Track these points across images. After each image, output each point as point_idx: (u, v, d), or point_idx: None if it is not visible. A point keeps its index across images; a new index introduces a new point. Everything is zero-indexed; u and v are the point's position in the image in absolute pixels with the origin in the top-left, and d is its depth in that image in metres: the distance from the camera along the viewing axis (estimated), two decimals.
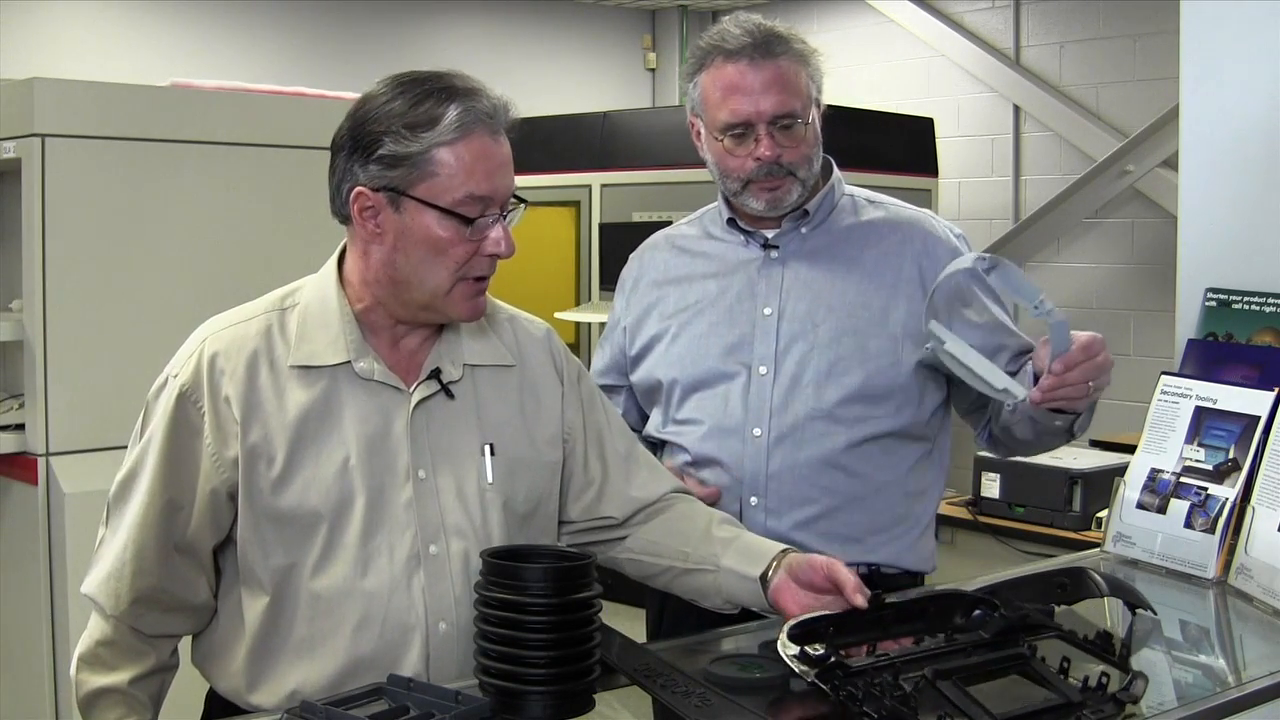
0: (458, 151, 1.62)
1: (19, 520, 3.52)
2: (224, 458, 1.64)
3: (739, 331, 2.09)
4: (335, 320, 1.69)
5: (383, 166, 1.62)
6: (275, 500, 1.64)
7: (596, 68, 7.53)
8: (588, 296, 5.78)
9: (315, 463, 1.64)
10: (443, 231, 1.63)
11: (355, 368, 1.67)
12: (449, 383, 1.72)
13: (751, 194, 2.06)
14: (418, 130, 1.61)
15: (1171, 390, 2.22)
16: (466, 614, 1.64)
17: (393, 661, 1.64)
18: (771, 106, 2.00)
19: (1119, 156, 5.73)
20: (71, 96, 3.51)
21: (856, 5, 6.82)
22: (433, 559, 1.67)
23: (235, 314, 1.72)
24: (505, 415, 1.76)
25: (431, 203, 1.62)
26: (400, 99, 1.63)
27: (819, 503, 2.04)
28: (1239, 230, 2.48)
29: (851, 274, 2.09)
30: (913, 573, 2.14)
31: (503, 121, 1.67)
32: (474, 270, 1.67)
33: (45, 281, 3.40)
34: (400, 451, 1.67)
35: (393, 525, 1.66)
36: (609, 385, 2.27)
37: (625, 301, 2.24)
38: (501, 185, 1.66)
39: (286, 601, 1.65)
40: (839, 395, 2.04)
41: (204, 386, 1.65)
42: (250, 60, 6.14)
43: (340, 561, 1.64)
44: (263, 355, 1.67)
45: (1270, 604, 1.92)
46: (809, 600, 1.69)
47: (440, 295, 1.66)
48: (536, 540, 1.77)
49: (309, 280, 1.75)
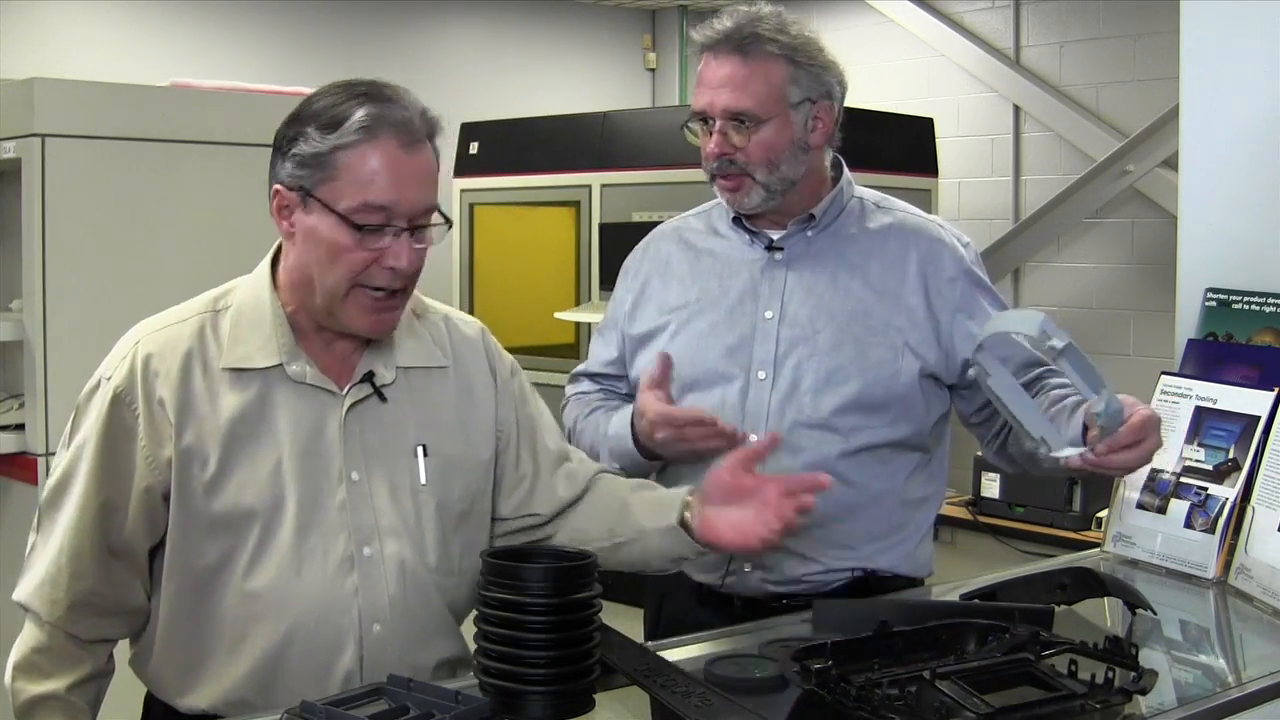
0: (360, 155, 1.59)
1: (19, 520, 3.51)
2: (158, 458, 1.64)
3: (739, 333, 2.07)
4: (268, 322, 1.68)
5: (295, 165, 1.62)
6: (208, 503, 1.63)
7: (596, 68, 7.53)
8: (587, 296, 5.77)
9: (249, 465, 1.64)
10: (338, 236, 1.60)
11: (287, 370, 1.67)
12: (382, 385, 1.71)
13: (717, 187, 2.06)
14: (325, 131, 1.60)
15: (1171, 390, 2.22)
16: (400, 616, 1.67)
17: (326, 663, 1.65)
18: (723, 101, 1.98)
19: (1119, 156, 5.72)
20: (71, 96, 3.51)
21: (856, 5, 6.82)
22: (367, 561, 1.67)
23: (169, 315, 1.72)
24: (439, 415, 1.76)
25: (329, 205, 1.60)
26: (325, 99, 1.63)
27: (813, 510, 2.03)
28: (1239, 230, 2.48)
29: (855, 281, 2.06)
30: (909, 578, 2.12)
31: (419, 132, 1.63)
32: (371, 280, 1.63)
33: (45, 281, 3.40)
34: (333, 454, 1.67)
35: (326, 528, 1.66)
36: (610, 375, 2.25)
37: (627, 289, 2.22)
38: (408, 197, 1.60)
39: (219, 603, 1.65)
40: (836, 404, 2.02)
41: (138, 388, 1.64)
42: (250, 60, 6.14)
43: (273, 564, 1.64)
44: (196, 357, 1.66)
45: (1270, 604, 1.92)
46: (738, 518, 1.71)
47: (336, 300, 1.64)
48: (471, 539, 1.78)
49: (243, 281, 1.74)
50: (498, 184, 6.17)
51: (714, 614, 2.06)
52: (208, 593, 1.65)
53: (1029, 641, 1.60)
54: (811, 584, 2.03)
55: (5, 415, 3.51)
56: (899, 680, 1.47)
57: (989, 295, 2.10)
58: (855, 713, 1.42)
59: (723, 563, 2.05)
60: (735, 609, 2.05)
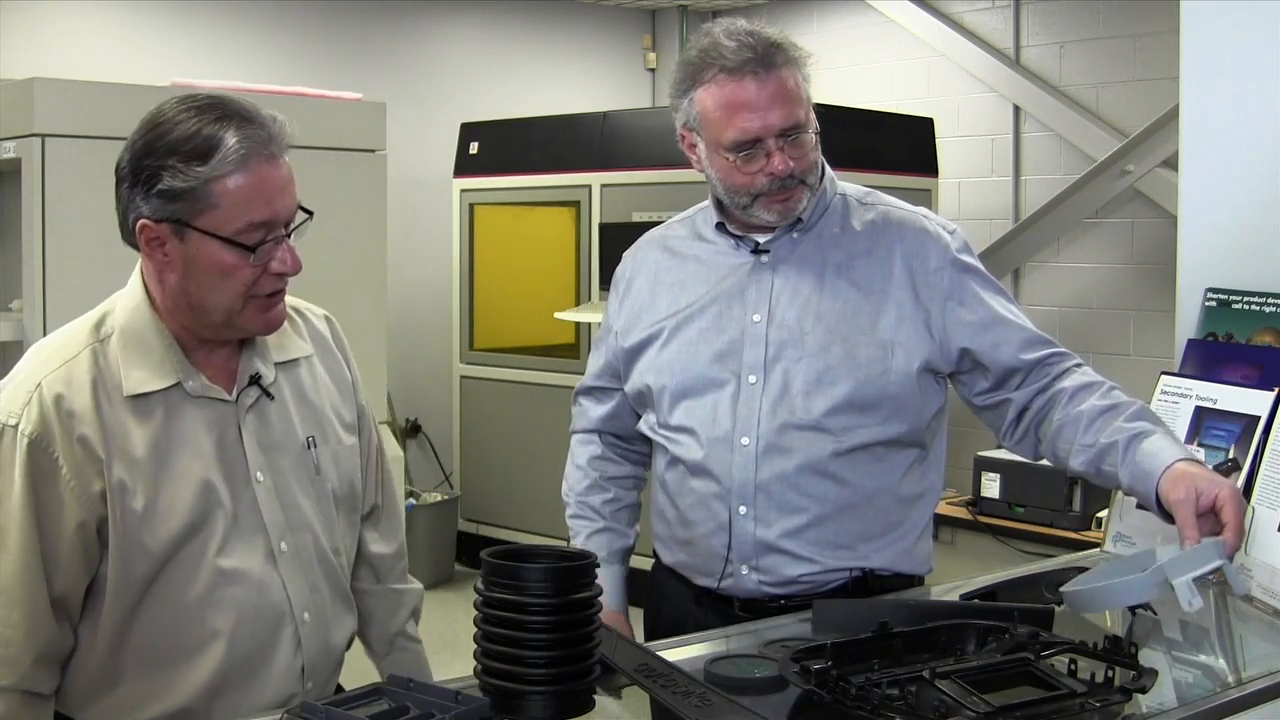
0: (236, 182, 1.63)
1: None
2: (89, 493, 1.64)
3: (728, 338, 2.07)
4: (156, 344, 1.71)
5: (163, 200, 1.64)
6: (145, 529, 1.65)
7: (596, 68, 7.53)
8: (587, 296, 5.78)
9: (174, 486, 1.67)
10: (228, 258, 1.65)
11: (185, 387, 1.71)
12: (267, 385, 1.78)
13: (761, 206, 2.02)
14: (192, 164, 1.62)
15: (1171, 390, 2.22)
16: (324, 602, 1.80)
17: (269, 658, 1.72)
18: (780, 120, 1.97)
19: (1119, 156, 5.73)
20: (71, 96, 3.52)
21: (856, 5, 6.82)
22: (284, 555, 1.75)
23: (56, 353, 1.70)
24: (315, 405, 1.85)
25: (214, 233, 1.64)
26: (178, 129, 1.64)
27: (808, 511, 2.02)
28: (1239, 230, 2.48)
29: (841, 280, 2.06)
30: (908, 576, 2.12)
31: (280, 147, 1.68)
32: (263, 289, 1.69)
33: (45, 281, 3.40)
34: (238, 459, 1.73)
35: (246, 531, 1.72)
36: (603, 388, 2.26)
37: (618, 303, 2.23)
38: (282, 208, 1.68)
39: (160, 621, 1.67)
40: (827, 405, 2.01)
41: (54, 430, 1.63)
42: (250, 60, 6.14)
43: (208, 574, 1.68)
44: (100, 387, 1.67)
45: (1270, 604, 1.92)
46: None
47: (235, 314, 1.70)
48: (351, 520, 1.89)
49: (114, 306, 1.75)
50: (498, 184, 6.17)
51: (712, 615, 2.06)
52: (151, 613, 1.67)
53: (1029, 641, 1.60)
54: (809, 584, 2.03)
55: None
56: (899, 680, 1.47)
57: (979, 279, 2.09)
58: (855, 713, 1.42)
59: (720, 565, 2.05)
60: (733, 610, 2.05)
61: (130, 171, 1.66)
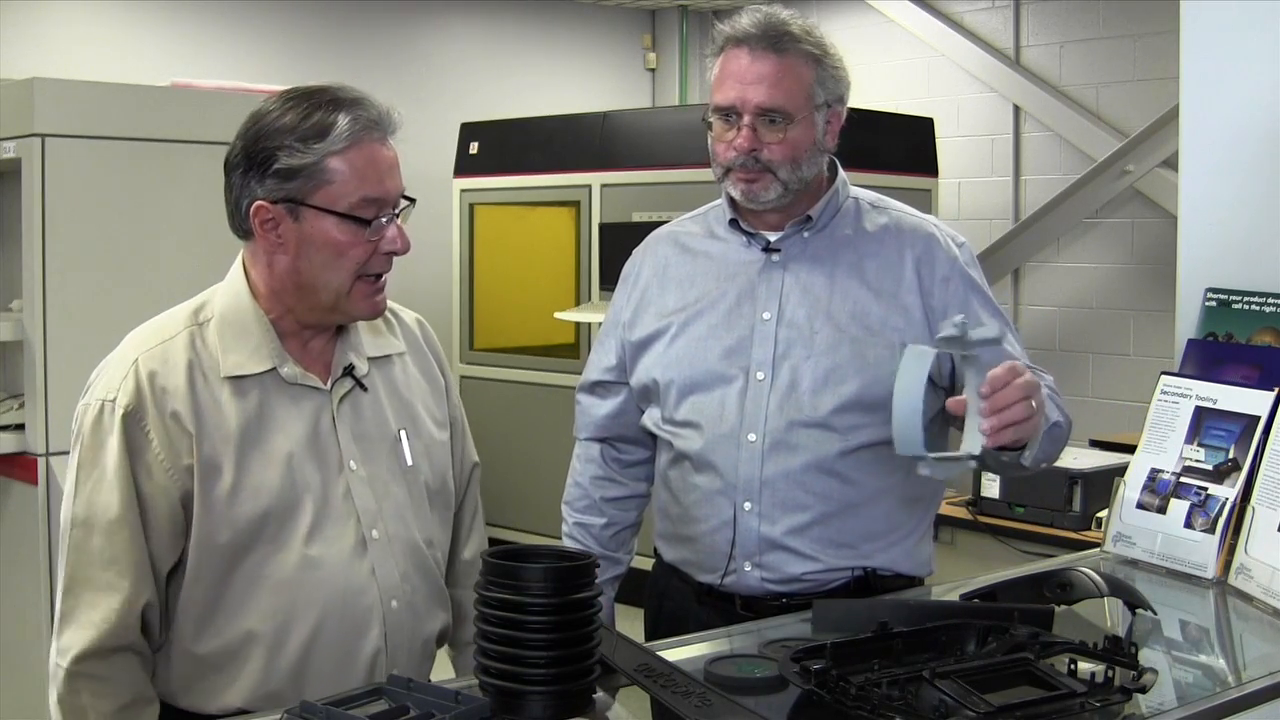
0: (350, 158, 1.70)
1: (19, 520, 3.52)
2: (178, 468, 1.68)
3: (737, 335, 2.08)
4: (254, 330, 1.75)
5: (279, 179, 1.69)
6: (230, 509, 1.69)
7: (596, 68, 7.53)
8: (587, 296, 5.78)
9: (262, 468, 1.71)
10: (341, 235, 1.71)
11: (281, 373, 1.75)
12: (361, 377, 1.81)
13: (731, 181, 2.06)
14: (310, 142, 1.69)
15: (1171, 390, 2.23)
16: (411, 590, 1.80)
17: (355, 645, 1.74)
18: (758, 98, 2.00)
19: (1119, 156, 5.73)
20: (71, 96, 3.51)
21: (857, 5, 6.83)
22: (375, 543, 1.77)
23: (155, 333, 1.76)
24: (407, 400, 1.88)
25: (329, 209, 1.70)
26: (290, 114, 1.71)
27: (812, 509, 2.03)
28: (1239, 230, 2.48)
29: (851, 281, 2.07)
30: (909, 577, 2.12)
31: (388, 127, 1.75)
32: (372, 268, 1.75)
33: (45, 281, 3.40)
34: (331, 447, 1.77)
35: (336, 517, 1.75)
36: (609, 382, 2.26)
37: (626, 296, 2.23)
38: (392, 186, 1.74)
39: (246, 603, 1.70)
40: (834, 403, 2.02)
41: (148, 405, 1.69)
42: (250, 60, 6.14)
43: (295, 559, 1.71)
44: (196, 368, 1.72)
45: (1270, 604, 1.92)
46: None
47: (343, 295, 1.74)
48: (444, 515, 1.91)
49: (215, 294, 1.81)
50: (498, 184, 6.17)
51: (714, 613, 2.06)
52: (235, 595, 1.70)
53: (1029, 641, 1.60)
54: (811, 583, 2.03)
55: (5, 415, 3.51)
56: (899, 680, 1.47)
57: (982, 298, 2.10)
58: (855, 713, 1.42)
59: (723, 561, 2.06)
60: (735, 608, 2.05)
61: (244, 157, 1.72)
